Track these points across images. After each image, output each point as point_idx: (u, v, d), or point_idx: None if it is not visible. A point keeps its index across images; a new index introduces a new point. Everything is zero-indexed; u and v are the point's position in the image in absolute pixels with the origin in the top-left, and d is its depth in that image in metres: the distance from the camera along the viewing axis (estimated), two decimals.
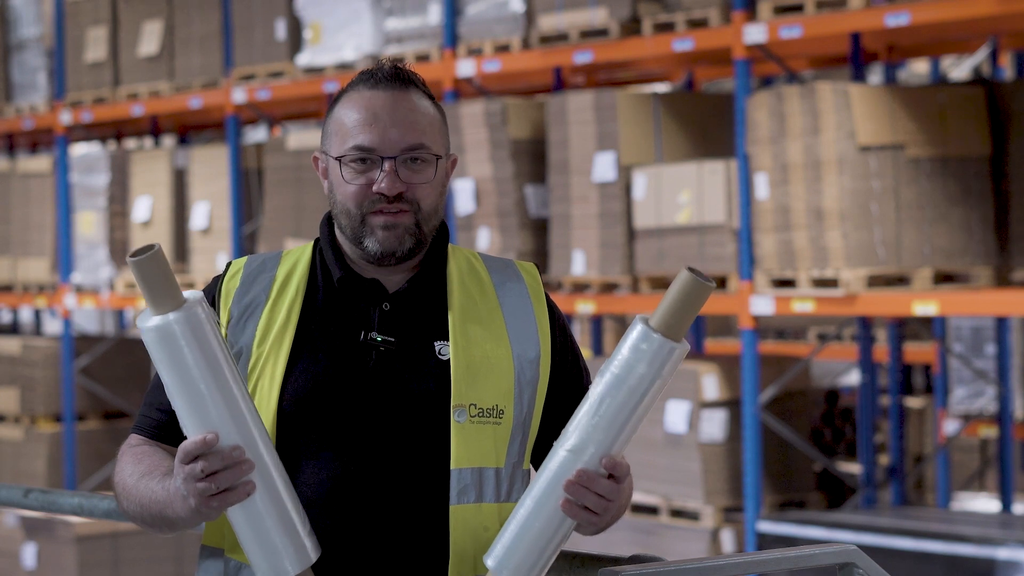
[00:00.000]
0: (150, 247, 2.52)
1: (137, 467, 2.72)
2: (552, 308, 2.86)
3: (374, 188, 2.74)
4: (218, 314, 2.77)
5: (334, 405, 2.73)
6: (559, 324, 2.86)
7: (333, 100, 2.83)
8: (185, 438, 2.75)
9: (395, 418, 2.73)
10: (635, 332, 2.58)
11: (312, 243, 2.87)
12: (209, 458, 2.52)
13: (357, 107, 2.77)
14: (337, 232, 2.83)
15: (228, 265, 2.85)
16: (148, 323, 2.56)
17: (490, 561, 2.64)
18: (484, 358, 2.76)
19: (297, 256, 2.85)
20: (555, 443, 2.62)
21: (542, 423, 2.80)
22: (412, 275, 2.81)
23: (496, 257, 2.90)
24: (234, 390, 2.57)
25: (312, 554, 2.64)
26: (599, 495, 2.57)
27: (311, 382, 2.73)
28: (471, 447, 2.72)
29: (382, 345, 2.75)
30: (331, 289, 2.80)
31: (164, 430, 2.78)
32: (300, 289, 2.80)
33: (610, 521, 2.65)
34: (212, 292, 2.83)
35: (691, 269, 2.56)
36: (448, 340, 2.76)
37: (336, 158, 2.76)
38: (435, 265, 2.83)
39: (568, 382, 2.82)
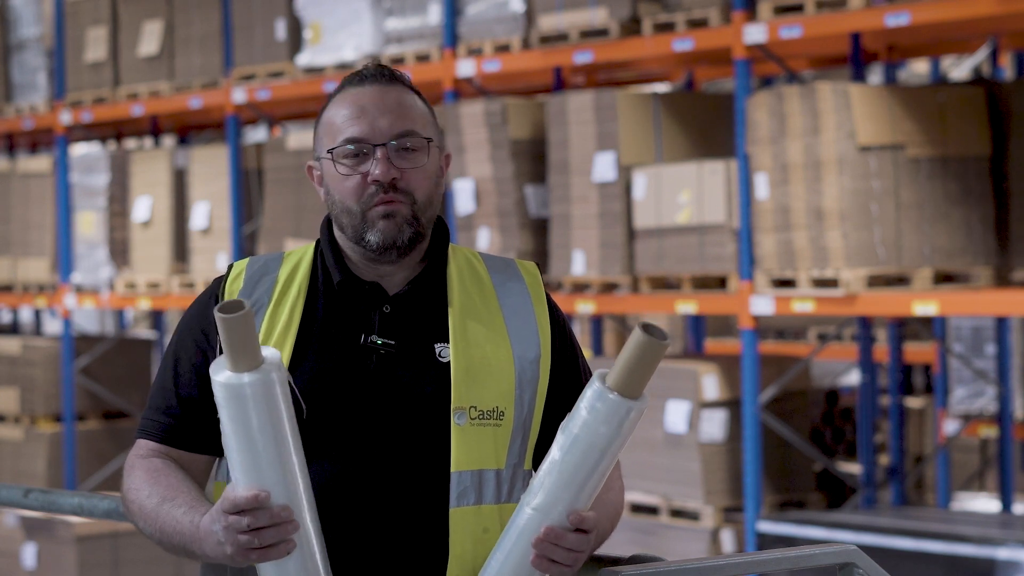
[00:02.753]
0: (239, 305, 2.52)
1: (155, 488, 2.70)
2: (553, 307, 2.86)
3: (369, 178, 2.75)
4: None
5: (335, 408, 2.73)
6: (559, 323, 2.86)
7: (321, 109, 2.85)
8: (197, 442, 2.76)
9: (395, 421, 2.73)
10: (591, 391, 2.60)
11: (313, 244, 2.87)
12: (257, 514, 2.52)
13: (345, 104, 2.79)
14: (337, 234, 2.83)
15: (230, 267, 2.85)
16: (220, 377, 2.56)
17: None
18: (484, 360, 2.76)
19: (298, 258, 2.85)
20: (521, 498, 2.66)
21: (543, 423, 2.81)
22: (412, 277, 2.81)
23: (497, 256, 2.90)
24: (292, 455, 2.58)
25: None
26: (568, 549, 2.61)
27: (311, 384, 2.73)
28: (471, 449, 2.73)
29: (382, 348, 2.75)
30: (332, 292, 2.81)
31: (172, 433, 2.78)
32: (301, 291, 2.80)
33: (587, 557, 2.67)
34: (214, 293, 2.82)
35: (644, 327, 2.56)
36: (448, 342, 2.77)
37: (329, 152, 2.77)
38: (436, 266, 2.83)
39: (569, 382, 2.82)
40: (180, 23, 10.06)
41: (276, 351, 2.60)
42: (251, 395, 2.54)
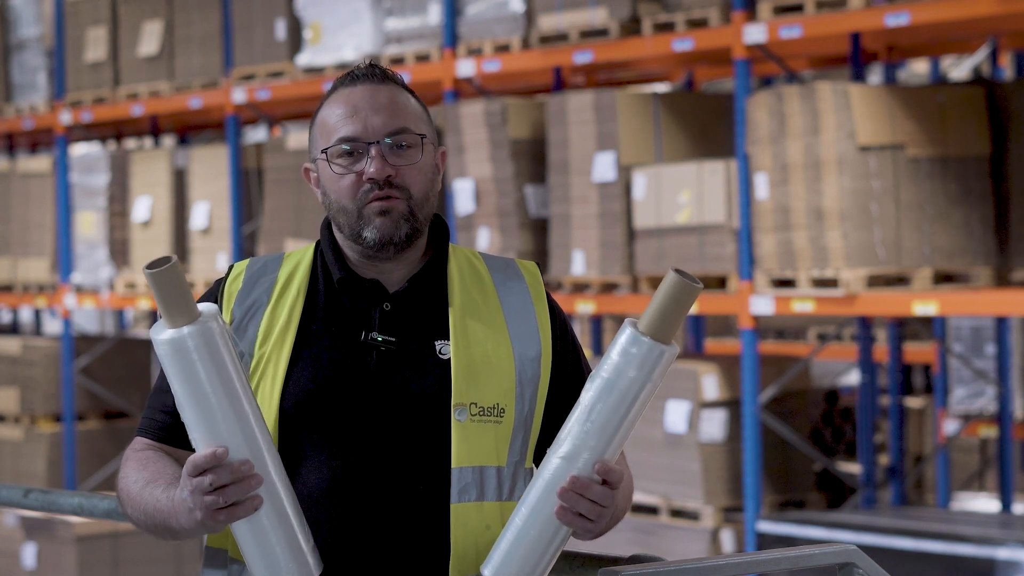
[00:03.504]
0: (167, 259, 2.52)
1: (141, 473, 2.72)
2: (553, 306, 2.87)
3: (364, 176, 2.76)
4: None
5: (335, 405, 2.73)
6: (560, 322, 2.87)
7: (315, 111, 2.87)
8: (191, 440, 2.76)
9: (396, 417, 2.73)
10: (624, 336, 2.58)
11: (313, 245, 2.89)
12: (218, 471, 2.52)
13: (338, 105, 2.81)
14: (336, 233, 2.85)
15: (230, 268, 2.87)
16: (162, 335, 2.56)
17: (487, 571, 2.64)
18: (485, 357, 2.77)
19: (298, 258, 2.87)
20: (548, 449, 2.63)
21: (544, 421, 2.81)
22: (412, 275, 2.82)
23: (497, 256, 2.91)
24: (245, 405, 2.58)
25: (315, 570, 2.64)
26: (593, 501, 2.58)
27: (312, 382, 2.74)
28: (472, 446, 2.73)
29: (383, 345, 2.76)
30: (332, 290, 2.82)
31: (169, 432, 2.79)
32: (301, 290, 2.81)
33: (607, 527, 2.66)
34: (215, 294, 2.84)
35: (678, 271, 2.55)
36: (449, 339, 2.77)
37: (323, 152, 2.79)
38: (436, 264, 2.84)
39: (570, 380, 2.82)
40: (180, 23, 10.07)
41: (212, 305, 2.61)
42: (193, 347, 2.54)
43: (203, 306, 2.59)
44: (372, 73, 2.82)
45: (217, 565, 2.80)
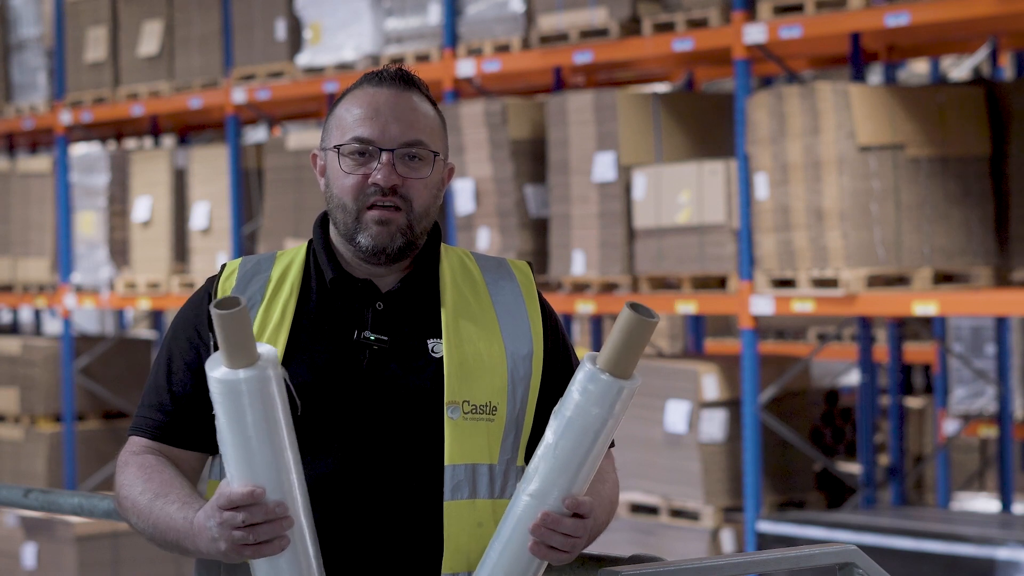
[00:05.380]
0: (235, 300, 2.51)
1: (148, 484, 2.71)
2: (544, 305, 2.88)
3: (370, 180, 2.76)
4: None
5: (328, 403, 2.74)
6: (551, 321, 2.88)
7: (336, 100, 2.86)
8: (190, 439, 2.77)
9: (389, 415, 2.74)
10: (582, 373, 2.61)
11: (306, 244, 2.89)
12: (252, 510, 2.53)
13: (359, 103, 2.80)
14: (331, 232, 2.85)
15: (223, 266, 2.87)
16: (216, 372, 2.55)
17: None
18: (477, 355, 2.77)
19: (291, 257, 2.87)
20: (517, 485, 2.67)
21: (536, 420, 2.82)
22: (405, 274, 2.82)
23: (489, 256, 2.92)
24: (287, 454, 2.58)
25: None
26: (565, 535, 2.62)
27: (305, 381, 2.73)
28: (464, 444, 2.74)
29: (375, 344, 2.76)
30: (324, 289, 2.82)
31: (165, 431, 2.78)
32: (294, 289, 2.81)
33: (585, 547, 2.69)
34: (207, 292, 2.83)
35: (632, 306, 2.57)
36: (441, 338, 2.78)
37: (335, 147, 2.78)
38: (428, 264, 2.84)
39: (561, 379, 2.82)
40: (180, 23, 10.07)
41: (272, 348, 2.61)
42: (247, 391, 2.54)
43: (263, 349, 2.58)
44: (400, 77, 2.82)
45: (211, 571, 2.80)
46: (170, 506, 2.65)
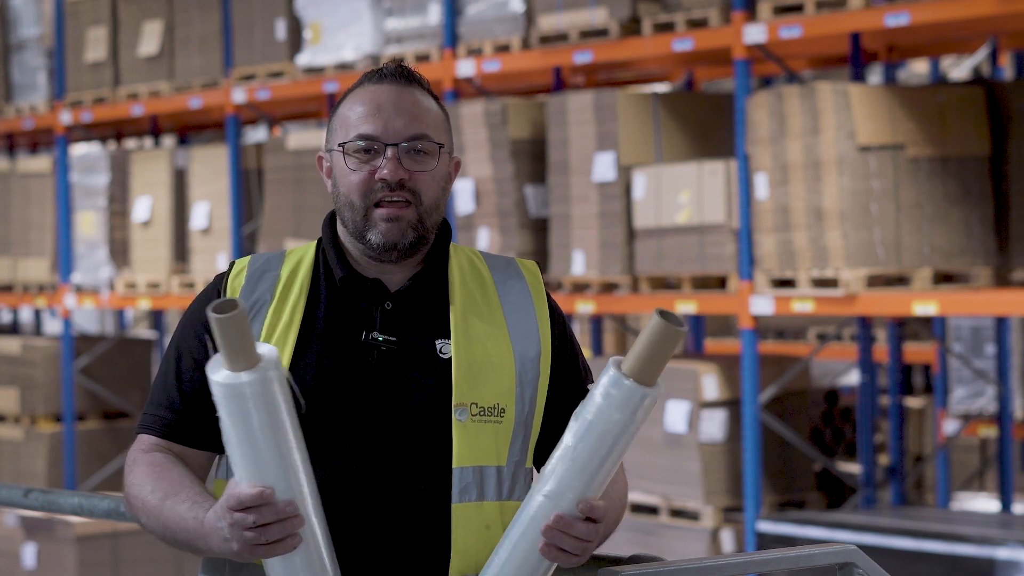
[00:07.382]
0: (232, 304, 2.50)
1: (158, 483, 2.70)
2: (553, 306, 2.87)
3: (376, 176, 2.76)
4: None
5: (336, 404, 2.73)
6: (559, 322, 2.87)
7: (338, 101, 2.86)
8: (199, 438, 2.76)
9: (397, 417, 2.73)
10: (606, 377, 2.59)
11: (315, 243, 2.88)
12: (262, 510, 2.52)
13: (361, 101, 2.80)
14: (340, 231, 2.84)
15: (232, 264, 2.86)
16: (217, 376, 2.54)
17: None
18: (485, 357, 2.77)
19: (300, 255, 2.86)
20: (532, 486, 2.65)
21: (544, 422, 2.81)
22: (414, 274, 2.82)
23: (498, 255, 2.91)
24: (295, 454, 2.57)
25: None
26: (577, 538, 2.60)
27: (313, 381, 2.73)
28: (472, 446, 2.73)
29: (383, 344, 2.76)
30: (333, 289, 2.81)
31: (174, 429, 2.78)
32: (303, 289, 2.81)
33: (591, 553, 2.68)
34: (216, 289, 2.82)
35: (662, 313, 2.55)
36: (450, 339, 2.77)
37: (340, 146, 2.78)
38: (437, 264, 2.84)
39: (569, 380, 2.82)
40: (180, 23, 10.07)
41: (274, 348, 2.59)
42: (250, 394, 2.53)
43: (264, 350, 2.57)
44: (400, 73, 2.82)
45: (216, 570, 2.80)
46: (180, 506, 2.65)
